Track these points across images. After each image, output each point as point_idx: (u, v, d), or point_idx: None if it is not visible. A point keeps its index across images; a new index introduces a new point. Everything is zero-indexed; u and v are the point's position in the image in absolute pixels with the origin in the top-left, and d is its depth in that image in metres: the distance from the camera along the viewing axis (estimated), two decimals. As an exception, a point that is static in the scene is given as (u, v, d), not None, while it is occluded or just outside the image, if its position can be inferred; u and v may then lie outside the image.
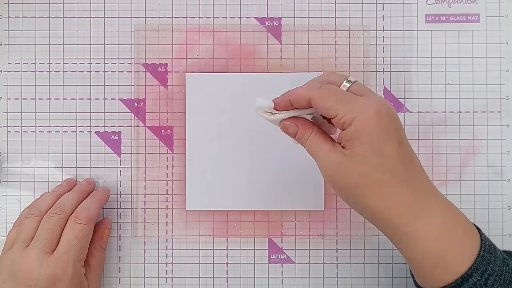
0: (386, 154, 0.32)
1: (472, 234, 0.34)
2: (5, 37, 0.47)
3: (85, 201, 0.43)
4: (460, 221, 0.34)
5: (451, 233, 0.33)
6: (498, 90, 0.47)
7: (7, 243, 0.42)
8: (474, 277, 0.32)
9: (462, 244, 0.33)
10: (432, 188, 0.34)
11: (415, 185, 0.33)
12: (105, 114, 0.47)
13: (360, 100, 0.33)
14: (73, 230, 0.40)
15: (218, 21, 0.47)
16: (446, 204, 0.34)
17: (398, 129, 0.33)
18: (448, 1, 0.47)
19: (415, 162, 0.34)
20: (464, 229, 0.34)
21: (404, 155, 0.33)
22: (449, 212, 0.34)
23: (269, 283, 0.46)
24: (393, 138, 0.32)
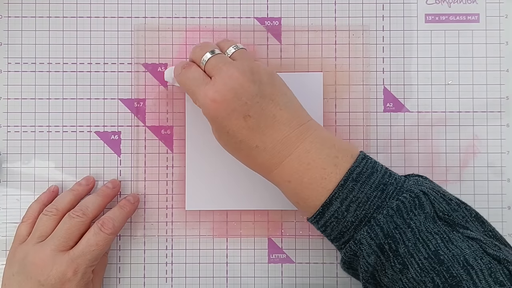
0: (234, 132, 0.37)
1: (342, 164, 0.36)
2: (5, 37, 0.47)
3: (114, 211, 0.43)
4: (327, 155, 0.36)
5: (305, 174, 0.36)
6: (498, 90, 0.47)
7: (17, 237, 0.42)
8: (334, 204, 0.35)
9: (320, 180, 0.36)
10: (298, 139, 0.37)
11: (272, 144, 0.37)
12: (105, 114, 0.47)
13: (202, 89, 0.37)
14: (96, 237, 0.41)
15: (218, 21, 0.47)
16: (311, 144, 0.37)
17: (245, 103, 0.36)
18: (448, 1, 0.47)
19: (277, 119, 0.37)
20: (330, 163, 0.36)
21: (254, 125, 0.37)
22: (313, 151, 0.36)
23: (269, 283, 0.46)
24: (236, 117, 0.36)
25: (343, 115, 0.47)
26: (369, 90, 0.47)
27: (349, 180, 0.35)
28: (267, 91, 0.37)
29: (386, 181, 0.36)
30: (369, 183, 0.35)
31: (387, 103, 0.47)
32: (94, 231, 0.41)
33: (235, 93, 0.36)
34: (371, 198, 0.35)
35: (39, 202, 0.44)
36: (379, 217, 0.34)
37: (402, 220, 0.34)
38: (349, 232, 0.36)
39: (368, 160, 0.37)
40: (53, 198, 0.45)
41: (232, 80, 0.36)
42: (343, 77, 0.47)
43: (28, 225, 0.43)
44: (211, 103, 0.36)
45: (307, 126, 0.38)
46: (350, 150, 0.37)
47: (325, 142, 0.37)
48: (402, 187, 0.36)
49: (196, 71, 0.39)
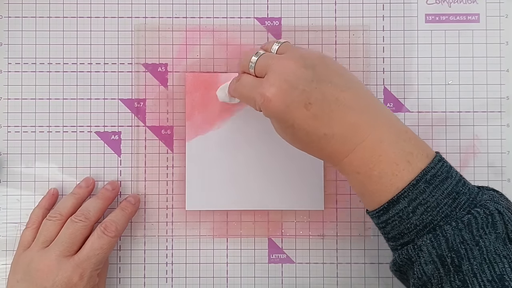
0: (298, 124, 0.35)
1: (416, 162, 0.34)
2: (5, 37, 0.47)
3: (116, 214, 0.43)
4: (402, 149, 0.34)
5: (376, 166, 0.34)
6: (498, 90, 0.47)
7: (21, 243, 0.42)
8: (401, 203, 0.33)
9: (391, 175, 0.34)
10: (370, 125, 0.34)
11: (341, 129, 0.34)
12: (105, 114, 0.47)
13: (258, 90, 0.35)
14: (100, 241, 0.41)
15: (218, 21, 0.47)
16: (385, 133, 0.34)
17: (303, 91, 0.34)
18: (448, 1, 0.47)
19: (341, 101, 0.34)
20: (403, 158, 0.34)
21: (317, 113, 0.34)
22: (387, 142, 0.34)
23: (269, 283, 0.46)
24: (297, 107, 0.34)
25: (343, 115, 0.46)
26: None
27: (422, 181, 0.33)
28: (322, 74, 0.35)
29: (460, 189, 0.33)
30: (442, 188, 0.33)
31: (387, 103, 0.47)
32: (97, 235, 0.41)
33: (290, 82, 0.34)
34: (441, 205, 0.33)
35: (41, 207, 0.44)
36: (446, 227, 0.32)
37: (471, 235, 0.32)
38: (411, 234, 0.34)
39: (444, 163, 0.34)
40: (54, 202, 0.45)
41: (284, 70, 0.35)
42: (343, 77, 0.47)
43: (33, 231, 0.43)
44: (269, 100, 0.34)
45: (378, 110, 0.35)
46: (425, 149, 0.35)
47: (400, 134, 0.34)
48: (475, 200, 0.33)
49: (247, 77, 0.38)
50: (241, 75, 0.39)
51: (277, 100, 0.34)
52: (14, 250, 0.45)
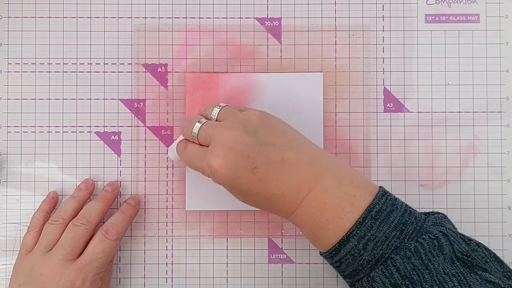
0: (247, 188, 0.36)
1: (359, 203, 0.35)
2: (5, 37, 0.47)
3: (117, 217, 0.43)
4: (345, 193, 0.35)
5: (322, 214, 0.35)
6: (498, 90, 0.47)
7: (23, 247, 0.42)
8: (351, 242, 0.35)
9: (337, 219, 0.35)
10: (314, 177, 0.36)
11: (288, 188, 0.36)
12: (105, 114, 0.47)
13: (204, 161, 0.37)
14: (101, 244, 0.41)
15: (218, 21, 0.47)
16: (328, 182, 0.36)
17: (247, 157, 0.35)
18: (448, 1, 0.47)
19: (286, 161, 0.36)
20: (347, 202, 0.35)
21: (264, 176, 0.36)
22: (330, 189, 0.35)
23: (269, 283, 0.46)
24: (244, 173, 0.36)
25: (343, 115, 0.47)
26: (369, 91, 0.47)
27: (368, 218, 0.34)
28: (265, 137, 0.36)
29: (406, 220, 0.35)
30: (388, 222, 0.35)
31: (387, 103, 0.47)
32: (99, 239, 0.41)
33: (234, 150, 0.36)
34: (389, 238, 0.34)
35: (41, 211, 0.44)
36: (396, 257, 0.34)
37: (420, 261, 0.33)
38: (365, 270, 0.35)
39: (387, 197, 0.36)
40: (54, 205, 0.45)
41: (226, 140, 0.36)
42: (343, 77, 0.47)
43: (35, 235, 0.43)
44: (216, 170, 0.36)
45: (320, 161, 0.37)
46: (368, 187, 0.36)
47: (342, 179, 0.36)
48: (422, 227, 0.35)
49: (193, 147, 0.39)
50: (185, 143, 0.40)
51: (224, 170, 0.36)
52: (14, 251, 0.45)
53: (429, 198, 0.46)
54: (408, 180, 0.46)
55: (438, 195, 0.46)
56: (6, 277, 0.45)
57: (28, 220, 0.44)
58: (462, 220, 0.46)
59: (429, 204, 0.46)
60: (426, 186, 0.46)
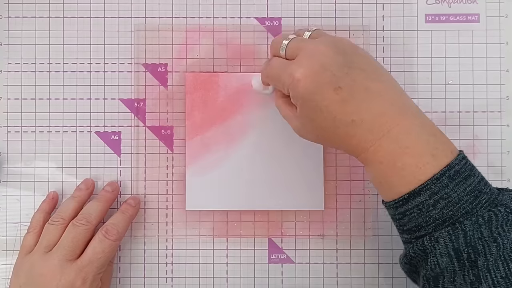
0: (326, 107, 0.34)
1: (441, 157, 0.33)
2: (5, 37, 0.47)
3: (117, 217, 0.43)
4: (427, 142, 0.33)
5: (400, 157, 0.33)
6: (498, 90, 0.47)
7: (24, 247, 0.42)
8: (422, 195, 0.33)
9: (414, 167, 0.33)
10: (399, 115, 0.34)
11: (370, 117, 0.34)
12: (105, 114, 0.47)
13: (288, 71, 0.35)
14: (101, 244, 0.41)
15: (218, 21, 0.47)
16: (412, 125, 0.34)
17: (333, 75, 0.34)
18: (448, 1, 0.47)
19: (371, 89, 0.34)
20: (428, 152, 0.33)
21: (347, 98, 0.34)
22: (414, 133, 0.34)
23: (269, 283, 0.46)
24: (327, 90, 0.34)
25: (343, 115, 0.46)
26: (369, 90, 0.47)
27: (446, 176, 0.33)
28: (355, 62, 0.35)
29: (481, 188, 0.33)
30: (464, 184, 0.33)
31: (387, 103, 0.47)
32: (99, 239, 0.41)
33: (321, 64, 0.34)
34: (462, 201, 0.32)
35: (41, 211, 0.44)
36: (466, 222, 0.32)
37: (489, 232, 0.32)
38: (428, 228, 0.33)
39: (467, 161, 0.34)
40: (54, 205, 0.45)
41: (316, 53, 0.34)
42: (343, 77, 0.47)
43: (35, 235, 0.43)
44: (298, 80, 0.34)
45: (407, 104, 0.35)
46: (450, 145, 0.34)
47: (427, 128, 0.34)
48: (496, 199, 0.33)
49: (277, 60, 0.37)
50: (271, 57, 0.38)
51: (307, 81, 0.34)
52: (14, 250, 0.45)
53: (429, 198, 0.46)
54: (408, 180, 0.46)
55: (438, 195, 0.46)
56: (6, 277, 0.45)
57: (28, 220, 0.44)
58: (462, 220, 0.46)
59: (429, 204, 0.46)
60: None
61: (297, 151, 0.45)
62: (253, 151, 0.46)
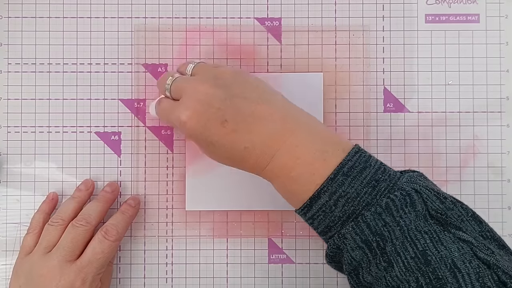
0: (217, 141, 0.36)
1: (331, 159, 0.35)
2: (5, 37, 0.47)
3: (117, 217, 0.43)
4: (316, 150, 0.35)
5: (294, 168, 0.35)
6: (498, 90, 0.47)
7: (23, 248, 0.42)
8: (322, 198, 0.34)
9: (308, 175, 0.35)
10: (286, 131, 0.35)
11: (260, 141, 0.35)
12: (105, 114, 0.47)
13: (175, 113, 0.37)
14: (101, 245, 0.41)
15: (218, 21, 0.47)
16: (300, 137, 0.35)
17: (218, 109, 0.35)
18: (448, 1, 0.47)
19: (257, 113, 0.36)
20: (319, 157, 0.35)
21: (235, 128, 0.35)
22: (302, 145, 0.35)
23: (269, 283, 0.46)
24: (214, 126, 0.35)
25: (343, 115, 0.47)
26: (369, 91, 0.47)
27: (340, 174, 0.34)
28: (235, 91, 0.36)
29: (379, 177, 0.34)
30: (360, 178, 0.34)
31: (387, 103, 0.47)
32: (98, 239, 0.41)
33: (204, 102, 0.35)
34: (361, 194, 0.34)
35: (41, 212, 0.44)
36: (366, 214, 0.33)
37: (391, 218, 0.33)
38: (336, 227, 0.35)
39: (361, 154, 0.35)
40: (54, 206, 0.45)
41: (197, 92, 0.36)
42: (343, 77, 0.47)
43: (34, 236, 0.43)
44: (185, 122, 0.36)
45: (293, 117, 0.36)
46: (341, 144, 0.36)
47: (314, 136, 0.36)
48: (395, 185, 0.34)
49: (165, 101, 0.39)
50: (161, 98, 0.40)
51: (193, 122, 0.36)
52: (14, 251, 0.45)
53: (429, 198, 0.46)
54: (408, 180, 0.46)
55: (438, 195, 0.46)
56: (6, 277, 0.45)
57: (28, 220, 0.44)
58: (462, 220, 0.46)
59: (429, 204, 0.46)
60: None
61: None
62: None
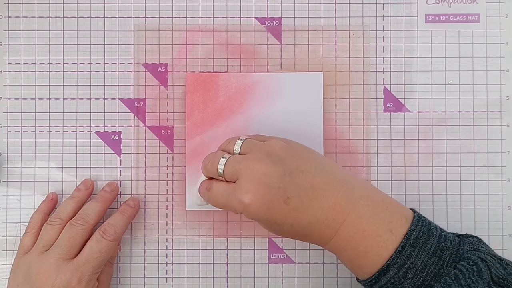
0: (282, 220, 0.36)
1: (397, 229, 0.35)
2: (5, 37, 0.47)
3: (115, 217, 0.43)
4: (382, 220, 0.35)
5: (361, 242, 0.35)
6: (498, 90, 0.47)
7: (21, 247, 0.43)
8: (391, 270, 0.34)
9: (376, 248, 0.35)
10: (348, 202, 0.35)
11: (323, 214, 0.35)
12: (105, 114, 0.47)
13: (235, 198, 0.36)
14: (98, 244, 0.41)
15: (218, 21, 0.47)
16: (363, 208, 0.35)
17: (279, 188, 0.35)
18: (448, 1, 0.47)
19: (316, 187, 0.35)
20: (385, 229, 0.35)
21: (297, 205, 0.35)
22: (367, 216, 0.35)
23: (269, 283, 0.46)
24: (277, 205, 0.35)
25: (343, 115, 0.47)
26: (369, 90, 0.47)
27: (407, 246, 0.34)
28: (291, 166, 0.36)
29: (443, 246, 0.35)
30: (426, 248, 0.34)
31: (387, 103, 0.47)
32: (96, 239, 0.41)
33: (265, 183, 0.35)
34: (428, 265, 0.34)
35: (40, 212, 0.44)
36: (436, 285, 0.34)
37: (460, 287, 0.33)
38: None
39: (423, 222, 0.36)
40: (53, 206, 0.45)
41: (255, 173, 0.35)
42: (343, 77, 0.47)
43: (32, 235, 0.43)
44: (249, 205, 0.35)
45: (352, 186, 0.36)
46: (403, 213, 0.36)
47: (377, 205, 0.36)
48: (459, 252, 0.35)
49: (220, 186, 0.38)
50: (210, 182, 0.39)
51: (257, 204, 0.35)
52: (14, 250, 0.45)
53: (429, 198, 0.46)
54: (408, 180, 0.46)
55: (438, 195, 0.46)
56: (6, 277, 0.45)
57: (28, 220, 0.44)
58: (462, 220, 0.46)
59: (429, 204, 0.46)
60: (426, 186, 0.46)
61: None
62: (253, 151, 0.45)
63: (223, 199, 0.38)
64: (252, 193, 0.35)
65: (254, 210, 0.35)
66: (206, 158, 0.40)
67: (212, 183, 0.39)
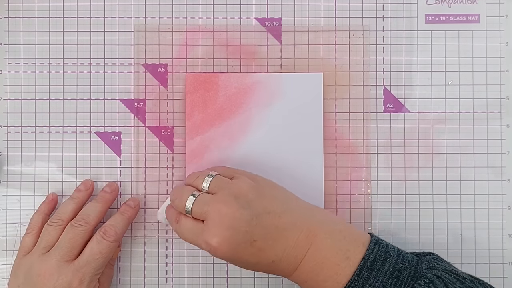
0: (247, 260, 0.37)
1: (354, 256, 0.36)
2: (5, 37, 0.47)
3: (116, 218, 0.43)
4: (339, 249, 0.36)
5: (320, 272, 0.36)
6: (498, 90, 0.47)
7: (22, 248, 0.43)
8: None
9: (335, 276, 0.36)
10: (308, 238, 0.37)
11: (286, 253, 0.37)
12: (105, 114, 0.47)
13: (202, 238, 0.37)
14: (99, 245, 0.41)
15: (218, 21, 0.47)
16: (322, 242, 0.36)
17: (245, 232, 0.36)
18: (448, 1, 0.47)
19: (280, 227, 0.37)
20: (342, 257, 0.36)
21: (262, 245, 0.36)
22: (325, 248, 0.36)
23: (269, 283, 0.46)
24: (243, 248, 0.36)
25: (343, 115, 0.47)
26: (369, 91, 0.47)
27: (364, 269, 0.35)
28: (258, 208, 0.37)
29: (400, 266, 0.36)
30: (383, 270, 0.36)
31: (387, 103, 0.47)
32: (97, 240, 0.41)
33: (232, 228, 0.36)
34: (386, 286, 0.35)
35: (40, 213, 0.44)
36: None
37: None
38: None
39: (380, 244, 0.37)
40: (53, 207, 0.45)
41: (222, 217, 0.36)
42: (343, 77, 0.47)
43: (33, 236, 0.43)
44: (215, 249, 0.36)
45: (313, 222, 0.37)
46: (360, 239, 0.37)
47: (335, 236, 0.37)
48: (416, 272, 0.36)
49: (187, 222, 0.39)
50: (179, 216, 0.40)
51: (224, 248, 0.36)
52: (14, 251, 0.45)
53: (429, 198, 0.46)
54: (408, 180, 0.46)
55: (438, 195, 0.46)
56: (6, 277, 0.45)
57: (28, 220, 0.44)
58: (462, 220, 0.46)
59: (429, 204, 0.46)
60: (426, 186, 0.46)
61: (297, 151, 0.45)
62: (253, 151, 0.46)
63: (190, 236, 0.39)
64: (219, 237, 0.36)
65: (221, 253, 0.37)
66: (174, 192, 0.40)
67: (180, 217, 0.39)
